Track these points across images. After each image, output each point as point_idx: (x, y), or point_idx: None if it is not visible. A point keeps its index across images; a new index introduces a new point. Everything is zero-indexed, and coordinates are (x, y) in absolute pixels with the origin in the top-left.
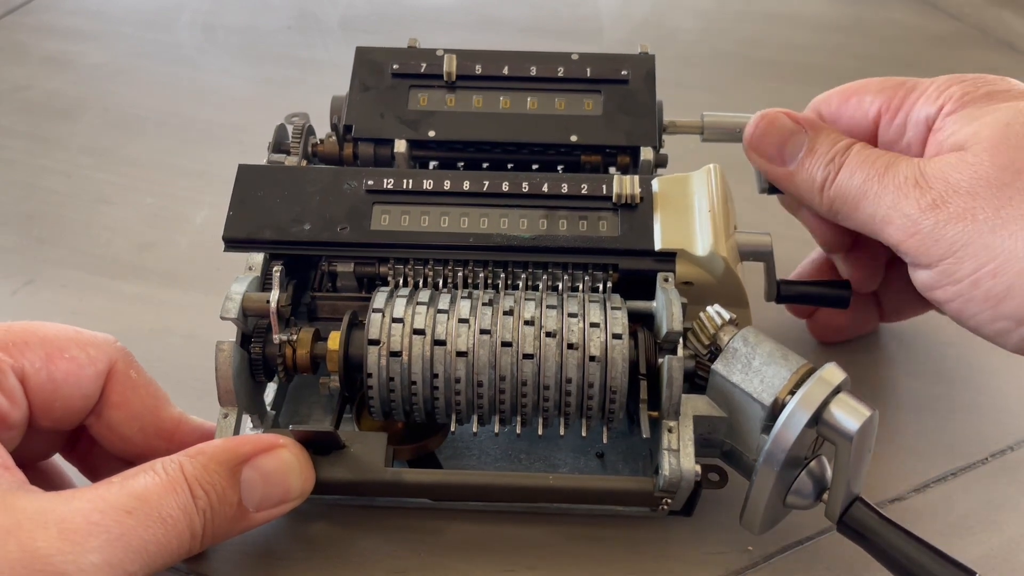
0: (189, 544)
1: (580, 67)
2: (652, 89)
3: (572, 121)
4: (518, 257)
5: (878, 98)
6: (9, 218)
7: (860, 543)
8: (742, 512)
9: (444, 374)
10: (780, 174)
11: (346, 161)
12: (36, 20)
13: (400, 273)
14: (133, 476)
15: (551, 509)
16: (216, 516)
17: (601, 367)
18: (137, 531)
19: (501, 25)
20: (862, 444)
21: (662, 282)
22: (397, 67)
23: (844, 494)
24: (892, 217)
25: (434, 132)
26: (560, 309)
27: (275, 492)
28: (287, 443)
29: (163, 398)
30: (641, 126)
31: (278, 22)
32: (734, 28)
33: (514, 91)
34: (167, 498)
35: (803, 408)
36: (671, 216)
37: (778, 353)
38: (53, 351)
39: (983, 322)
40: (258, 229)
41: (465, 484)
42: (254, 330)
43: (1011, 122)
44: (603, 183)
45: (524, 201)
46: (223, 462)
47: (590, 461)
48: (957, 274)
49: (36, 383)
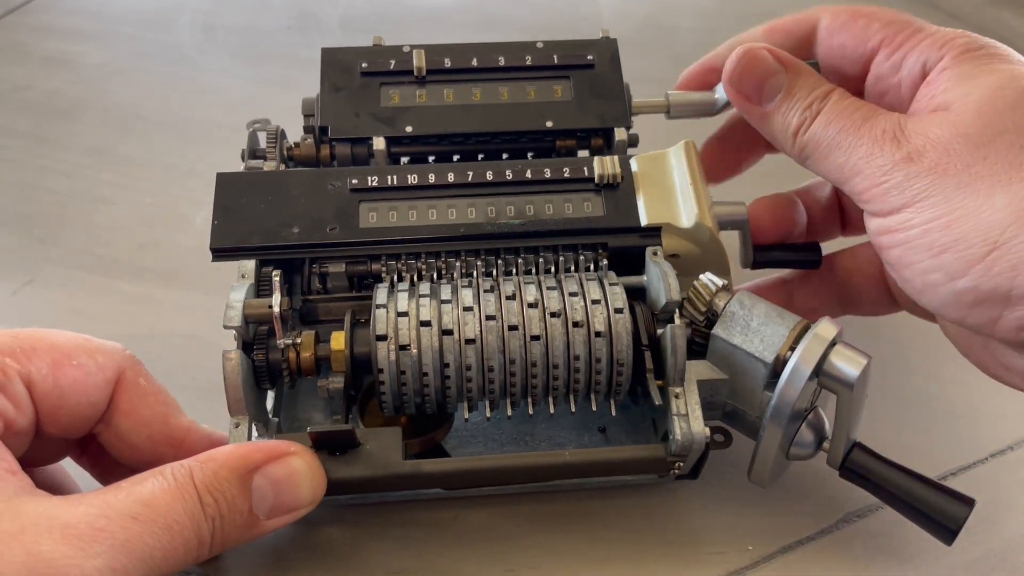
0: (197, 551)
1: (547, 54)
2: (619, 71)
3: (545, 107)
4: (509, 243)
5: (884, 30)
6: (9, 218)
7: (863, 485)
8: (750, 469)
9: (455, 363)
10: (756, 113)
11: (324, 162)
12: (36, 20)
13: (393, 269)
14: (141, 481)
15: (564, 487)
16: (225, 523)
17: (607, 342)
18: (143, 537)
19: (501, 25)
20: (860, 391)
21: (651, 256)
22: (366, 66)
23: (845, 440)
24: (862, 167)
25: (411, 127)
26: (560, 289)
27: (286, 500)
28: (298, 450)
29: (172, 406)
30: (613, 108)
31: (278, 22)
32: (734, 28)
33: (484, 82)
34: (175, 504)
35: (805, 361)
36: (653, 192)
37: (773, 312)
38: (61, 358)
39: (917, 272)
40: (246, 236)
41: (484, 469)
42: (255, 337)
43: (1003, 86)
44: (584, 165)
45: (509, 188)
46: (233, 469)
47: (594, 436)
48: (911, 222)
49: (43, 390)
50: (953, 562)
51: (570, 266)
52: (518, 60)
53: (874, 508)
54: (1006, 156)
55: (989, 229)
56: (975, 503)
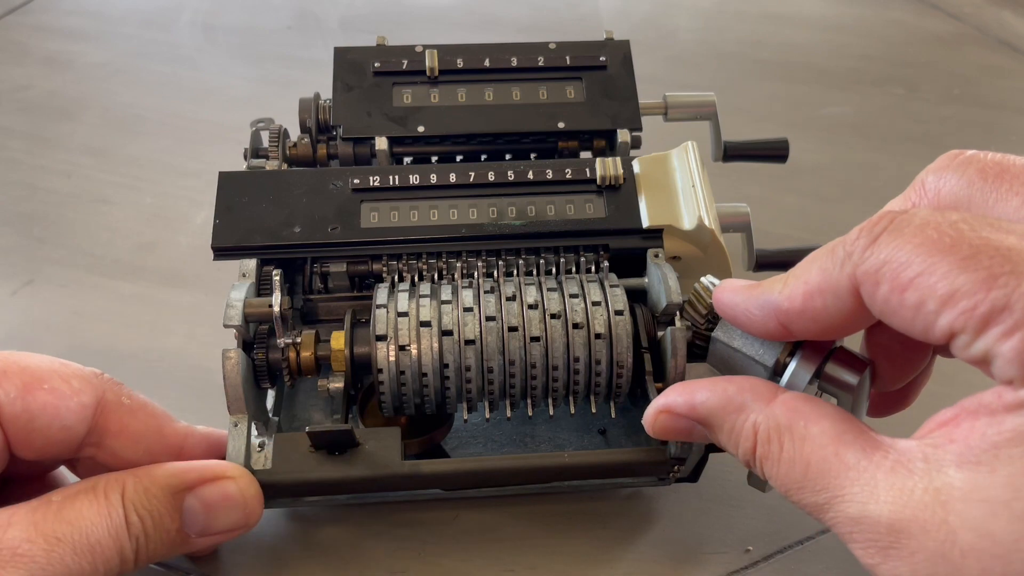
0: (119, 568)
1: (559, 56)
2: (631, 73)
3: (557, 109)
4: (511, 244)
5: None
6: (9, 218)
7: None
8: (750, 473)
9: (454, 363)
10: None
11: (320, 162)
12: (36, 20)
13: (394, 269)
14: (73, 497)
15: (563, 488)
16: (151, 541)
17: (607, 343)
18: (64, 560)
19: (501, 25)
20: (860, 395)
21: (653, 258)
22: (378, 65)
23: None
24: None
25: (423, 127)
26: (561, 291)
27: (217, 523)
28: (236, 474)
29: (163, 416)
30: (625, 110)
31: (278, 22)
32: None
33: (497, 83)
34: (100, 524)
35: (806, 366)
36: (655, 194)
37: None
38: (31, 381)
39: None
40: (248, 235)
41: (483, 470)
42: (255, 336)
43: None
44: (586, 167)
45: (511, 189)
46: (165, 487)
47: (593, 438)
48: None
49: (10, 413)
50: None
51: (571, 267)
52: (530, 61)
53: None
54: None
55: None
56: None
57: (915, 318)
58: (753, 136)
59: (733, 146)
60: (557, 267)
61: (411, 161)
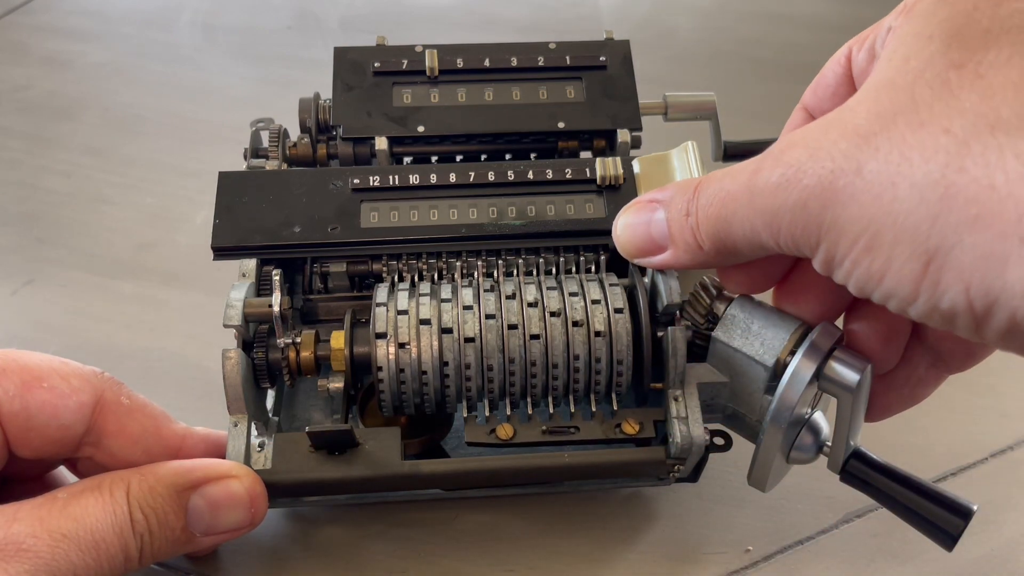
0: (123, 566)
1: (559, 55)
2: (631, 73)
3: (557, 108)
4: (511, 244)
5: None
6: (9, 218)
7: (864, 490)
8: (750, 473)
9: (454, 361)
10: (668, 261)
11: (320, 162)
12: (36, 20)
13: (394, 269)
14: (78, 494)
15: (563, 489)
16: (155, 539)
17: (607, 341)
18: (69, 556)
19: (501, 25)
20: (860, 396)
21: None
22: (378, 65)
23: (846, 445)
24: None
25: (423, 127)
26: (560, 290)
27: (221, 522)
28: (241, 474)
29: (162, 416)
30: (625, 110)
31: (278, 22)
32: (734, 28)
33: (497, 83)
34: (105, 521)
35: (806, 365)
36: None
37: (774, 316)
38: (30, 379)
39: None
40: (248, 235)
41: (483, 470)
42: (254, 336)
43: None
44: (586, 167)
45: (511, 189)
46: (170, 485)
47: None
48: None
49: (9, 411)
50: (953, 562)
51: (571, 267)
52: (530, 61)
53: (874, 508)
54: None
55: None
56: (975, 512)
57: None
58: (753, 136)
59: (733, 146)
60: (557, 267)
61: (411, 161)
